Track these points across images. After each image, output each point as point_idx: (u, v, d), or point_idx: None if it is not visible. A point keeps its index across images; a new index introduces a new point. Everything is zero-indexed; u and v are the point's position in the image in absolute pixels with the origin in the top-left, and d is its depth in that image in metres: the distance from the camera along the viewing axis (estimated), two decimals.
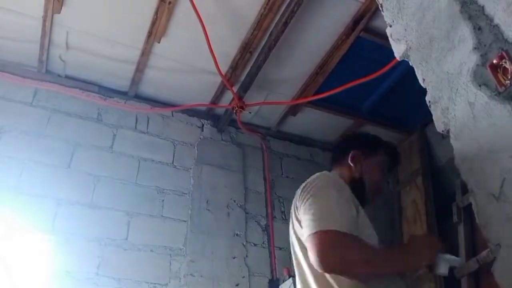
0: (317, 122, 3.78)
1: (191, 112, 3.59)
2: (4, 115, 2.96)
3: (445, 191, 3.54)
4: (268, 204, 3.46)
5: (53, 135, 3.04)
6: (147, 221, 3.00)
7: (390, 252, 1.44)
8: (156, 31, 2.88)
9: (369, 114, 3.73)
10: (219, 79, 3.25)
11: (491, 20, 1.04)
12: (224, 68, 3.15)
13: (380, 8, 1.44)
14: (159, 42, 2.97)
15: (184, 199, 3.19)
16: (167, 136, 3.42)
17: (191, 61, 3.18)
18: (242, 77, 3.24)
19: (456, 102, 1.13)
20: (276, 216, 3.45)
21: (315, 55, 3.16)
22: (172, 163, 3.32)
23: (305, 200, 1.38)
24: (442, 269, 1.43)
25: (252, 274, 3.07)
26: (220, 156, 3.51)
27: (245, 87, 3.19)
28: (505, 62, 0.99)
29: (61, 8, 2.74)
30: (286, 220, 3.39)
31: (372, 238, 1.41)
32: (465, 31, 1.11)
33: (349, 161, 1.62)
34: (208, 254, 3.03)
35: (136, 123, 3.36)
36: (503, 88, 1.00)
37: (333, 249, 1.23)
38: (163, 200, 3.12)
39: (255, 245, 3.23)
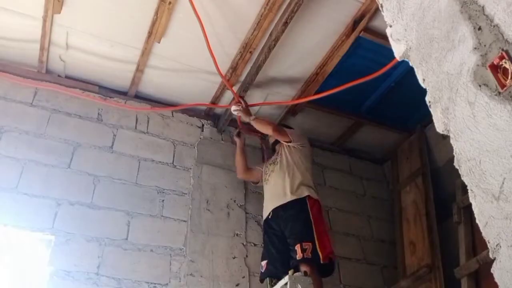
0: (317, 122, 3.78)
1: (191, 112, 3.59)
2: (4, 115, 2.97)
3: (445, 191, 3.54)
4: None
5: (53, 135, 3.04)
6: (147, 221, 2.99)
7: None
8: (156, 31, 2.88)
9: (369, 114, 3.74)
10: (219, 79, 3.25)
11: (491, 20, 1.04)
12: (224, 68, 3.15)
13: (380, 8, 1.44)
14: (159, 42, 2.97)
15: (184, 199, 3.19)
16: (167, 136, 3.42)
17: (191, 61, 3.18)
18: (242, 77, 3.24)
19: (456, 102, 1.13)
20: None
21: (315, 55, 3.16)
22: (172, 163, 3.32)
23: None
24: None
25: (252, 274, 3.06)
26: (220, 156, 3.51)
27: (245, 87, 3.19)
28: (505, 62, 0.99)
29: (61, 8, 2.74)
30: None
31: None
32: (465, 31, 1.11)
33: None
34: (208, 254, 3.03)
35: (136, 123, 3.36)
36: (503, 88, 1.00)
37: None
38: (163, 200, 3.12)
39: (255, 245, 3.23)
